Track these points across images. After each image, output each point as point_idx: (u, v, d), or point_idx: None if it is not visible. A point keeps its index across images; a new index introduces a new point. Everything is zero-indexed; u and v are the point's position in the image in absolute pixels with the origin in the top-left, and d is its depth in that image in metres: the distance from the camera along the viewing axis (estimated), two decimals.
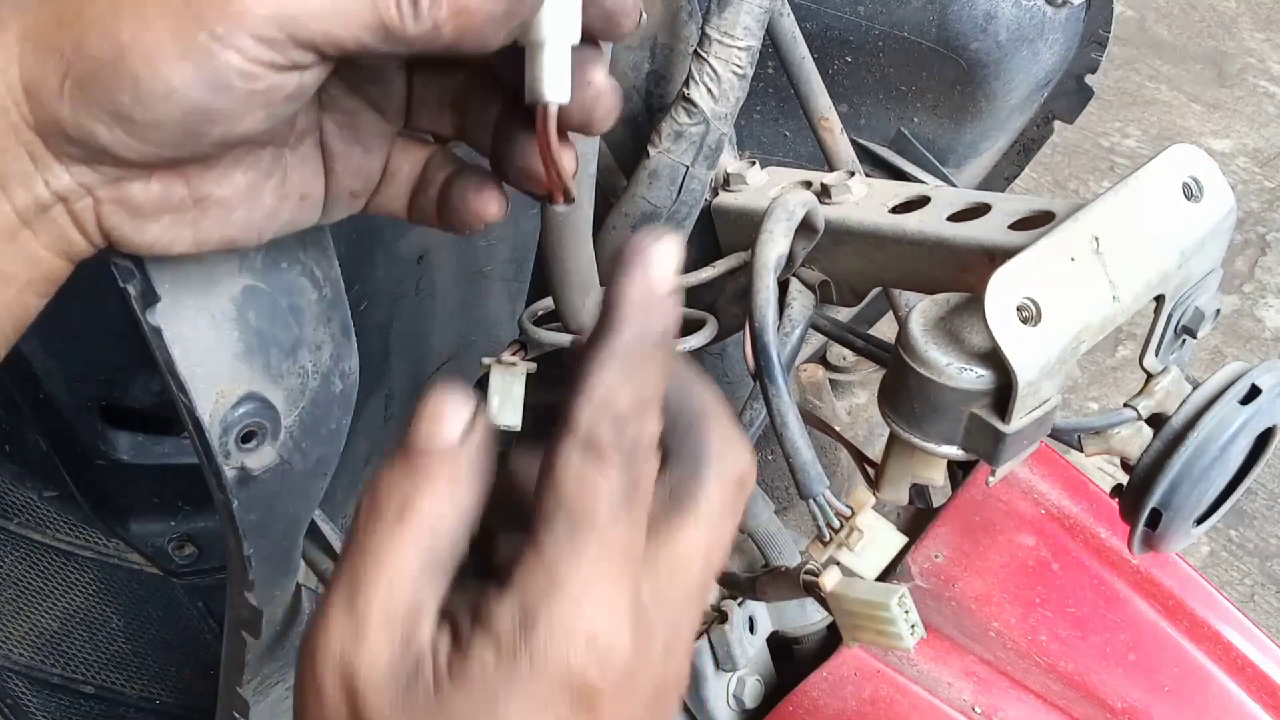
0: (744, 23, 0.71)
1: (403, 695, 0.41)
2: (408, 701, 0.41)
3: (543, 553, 0.41)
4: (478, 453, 0.44)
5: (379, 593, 0.42)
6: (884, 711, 0.87)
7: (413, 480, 0.43)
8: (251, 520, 0.62)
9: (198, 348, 0.55)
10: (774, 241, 0.64)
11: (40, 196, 0.44)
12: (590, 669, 0.41)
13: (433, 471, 0.43)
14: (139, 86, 0.41)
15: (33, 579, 1.49)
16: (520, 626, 0.41)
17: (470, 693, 0.41)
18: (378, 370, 0.80)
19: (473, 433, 0.44)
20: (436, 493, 0.43)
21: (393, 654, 0.42)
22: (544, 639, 0.41)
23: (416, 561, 0.42)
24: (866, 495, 0.63)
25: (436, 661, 0.41)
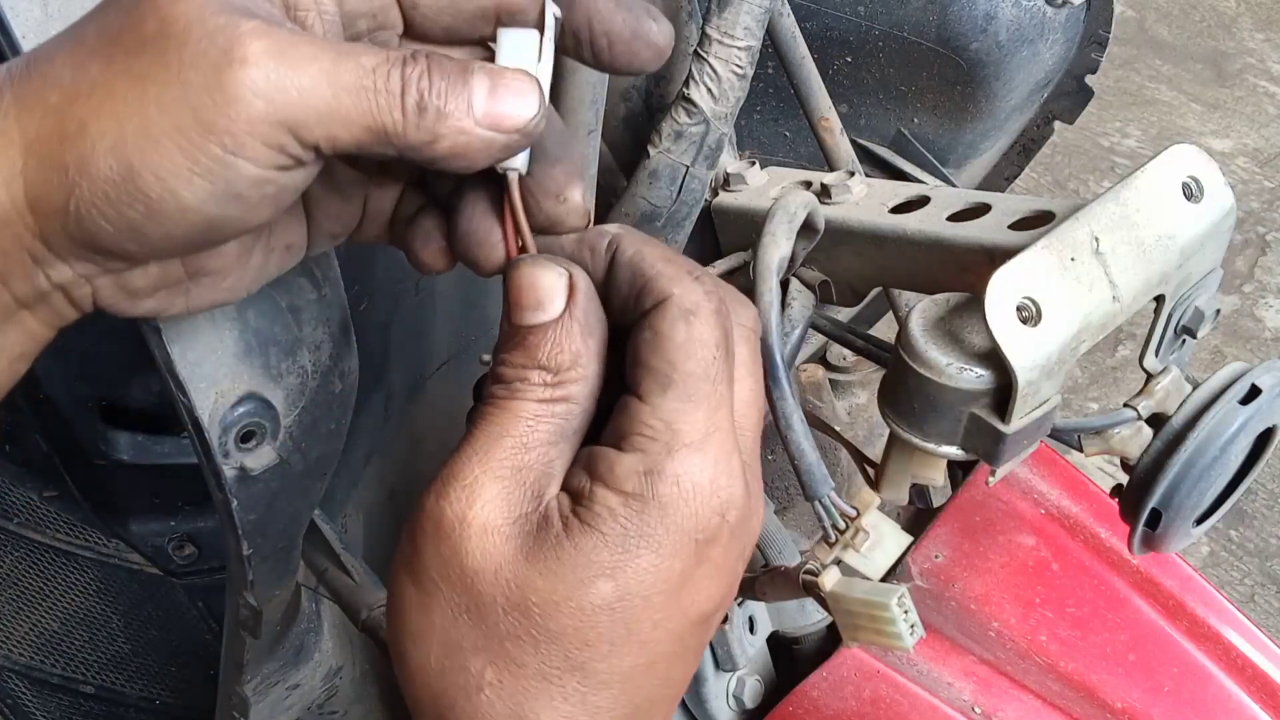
0: (744, 23, 0.71)
1: (532, 544, 0.44)
2: (537, 549, 0.44)
3: (659, 410, 0.45)
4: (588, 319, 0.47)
5: (516, 449, 0.45)
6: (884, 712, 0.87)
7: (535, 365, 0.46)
8: (251, 520, 0.62)
9: (196, 347, 0.55)
10: (776, 244, 0.64)
11: (40, 286, 0.44)
12: (713, 518, 0.45)
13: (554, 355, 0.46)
14: (151, 206, 0.41)
15: (33, 579, 1.49)
16: (647, 479, 0.44)
17: (603, 537, 0.44)
18: (377, 370, 0.80)
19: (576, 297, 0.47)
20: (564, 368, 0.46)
21: (524, 508, 0.45)
22: (671, 490, 0.44)
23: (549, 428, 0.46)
24: (872, 496, 0.63)
25: (564, 513, 0.45)
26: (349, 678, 0.90)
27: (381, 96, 0.42)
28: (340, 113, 0.41)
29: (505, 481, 0.45)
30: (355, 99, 0.41)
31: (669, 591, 0.45)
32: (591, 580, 0.44)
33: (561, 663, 0.45)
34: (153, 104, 0.40)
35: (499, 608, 0.44)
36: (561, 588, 0.44)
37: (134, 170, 0.40)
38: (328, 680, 0.87)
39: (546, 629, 0.44)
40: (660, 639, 0.46)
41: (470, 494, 0.45)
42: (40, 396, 1.44)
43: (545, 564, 0.44)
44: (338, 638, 0.87)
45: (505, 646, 0.45)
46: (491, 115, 0.43)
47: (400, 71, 0.42)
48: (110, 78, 0.41)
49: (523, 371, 0.46)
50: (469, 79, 0.43)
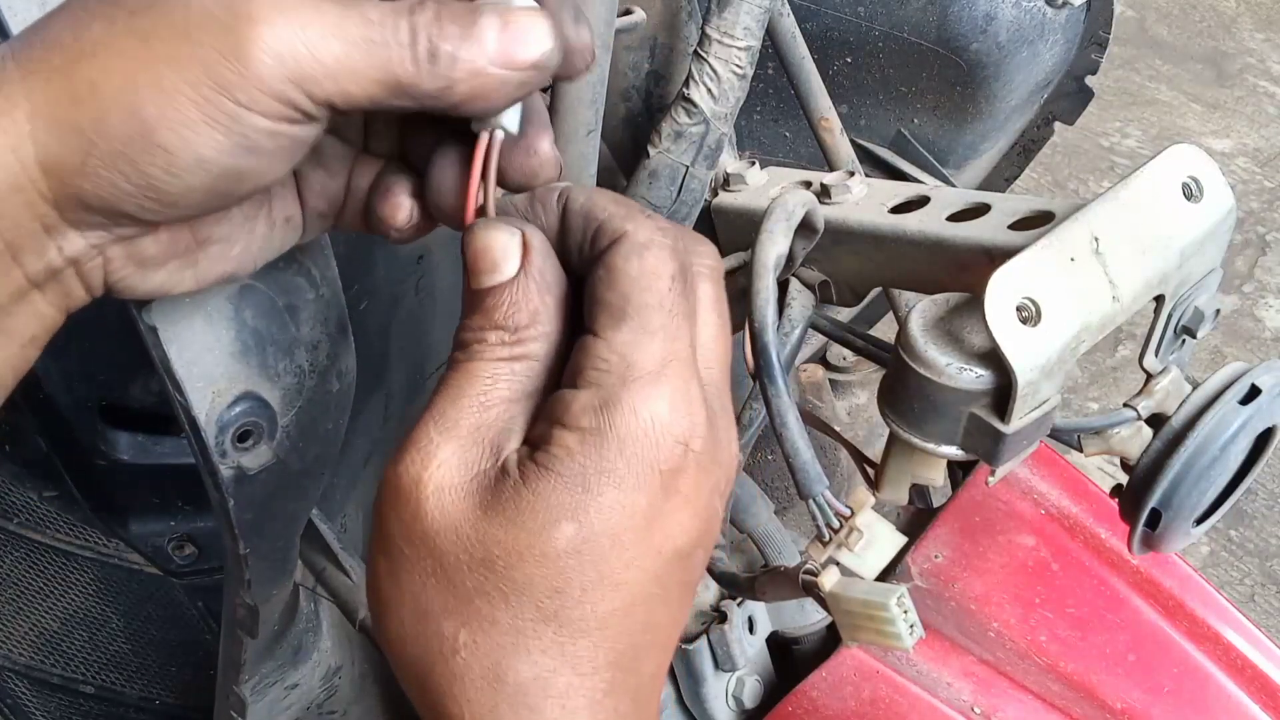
0: (744, 23, 0.71)
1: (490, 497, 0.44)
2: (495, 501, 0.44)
3: (613, 343, 0.44)
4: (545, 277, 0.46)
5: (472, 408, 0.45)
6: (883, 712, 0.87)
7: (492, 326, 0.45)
8: (248, 520, 0.62)
9: (193, 346, 0.55)
10: (774, 241, 0.64)
11: (52, 262, 0.44)
12: (676, 448, 0.44)
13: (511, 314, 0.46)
14: (171, 159, 0.41)
15: (33, 579, 1.49)
16: (603, 413, 0.43)
17: (559, 478, 0.43)
18: (377, 370, 0.80)
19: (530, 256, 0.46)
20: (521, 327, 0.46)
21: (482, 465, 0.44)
22: (628, 421, 0.43)
23: (508, 386, 0.45)
24: (866, 495, 0.63)
25: (521, 462, 0.44)
26: (348, 677, 0.90)
27: (391, 48, 0.42)
28: (351, 67, 0.42)
29: (461, 440, 0.44)
30: (365, 53, 0.42)
31: (638, 528, 0.44)
32: (553, 524, 0.43)
33: (533, 614, 0.44)
34: (162, 62, 0.40)
35: (463, 566, 0.44)
36: (523, 536, 0.43)
37: (150, 126, 0.41)
38: (326, 680, 0.87)
39: (513, 580, 0.43)
40: (635, 579, 0.44)
41: (425, 456, 0.44)
42: (40, 396, 1.44)
43: (504, 514, 0.43)
44: (336, 637, 0.87)
45: (475, 605, 0.44)
46: (505, 54, 0.43)
47: (408, 20, 0.42)
48: (114, 37, 0.41)
49: (480, 333, 0.46)
50: (478, 19, 0.43)
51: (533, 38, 0.44)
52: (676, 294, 0.45)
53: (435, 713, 0.46)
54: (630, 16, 0.75)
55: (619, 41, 0.75)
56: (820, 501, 0.62)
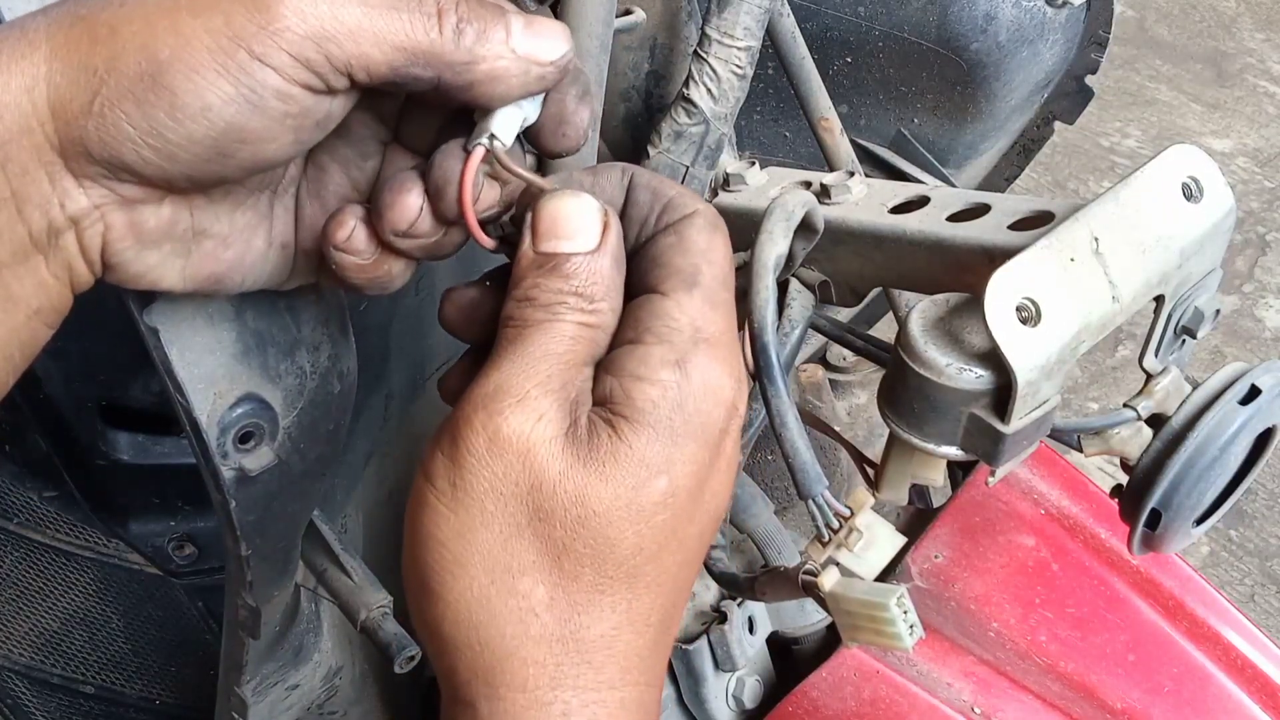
0: (744, 23, 0.71)
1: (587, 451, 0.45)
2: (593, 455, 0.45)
3: (685, 306, 0.47)
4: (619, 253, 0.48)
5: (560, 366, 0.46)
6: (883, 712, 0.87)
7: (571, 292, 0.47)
8: (250, 521, 0.62)
9: (195, 348, 0.55)
10: (773, 242, 0.64)
11: (54, 220, 0.44)
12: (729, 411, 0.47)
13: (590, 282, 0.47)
14: (175, 101, 0.42)
15: (33, 579, 1.49)
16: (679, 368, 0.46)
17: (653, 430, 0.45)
18: (377, 371, 0.80)
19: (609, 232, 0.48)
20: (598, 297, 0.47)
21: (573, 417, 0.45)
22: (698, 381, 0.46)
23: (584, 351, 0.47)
24: (865, 495, 0.63)
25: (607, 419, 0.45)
26: (348, 678, 0.90)
27: (418, 17, 0.43)
28: (373, 30, 0.42)
29: (557, 396, 0.45)
30: (390, 18, 0.42)
31: (700, 484, 0.46)
32: (649, 479, 0.45)
33: (615, 571, 0.45)
34: (184, 9, 0.41)
35: (557, 521, 0.44)
36: (623, 492, 0.44)
37: (161, 66, 0.41)
38: (327, 680, 0.87)
39: (606, 536, 0.45)
40: (694, 534, 0.47)
41: (526, 408, 0.45)
42: (40, 396, 1.44)
43: (604, 469, 0.44)
44: (337, 638, 0.87)
45: (560, 561, 0.45)
46: (527, 45, 0.45)
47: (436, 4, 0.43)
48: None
49: (561, 296, 0.46)
50: (505, 14, 0.45)
51: (554, 40, 0.46)
52: (732, 277, 0.49)
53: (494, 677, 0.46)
54: (630, 16, 0.75)
55: (619, 41, 0.75)
56: (820, 502, 0.62)
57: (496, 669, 0.45)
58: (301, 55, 0.42)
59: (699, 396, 0.45)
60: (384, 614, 0.77)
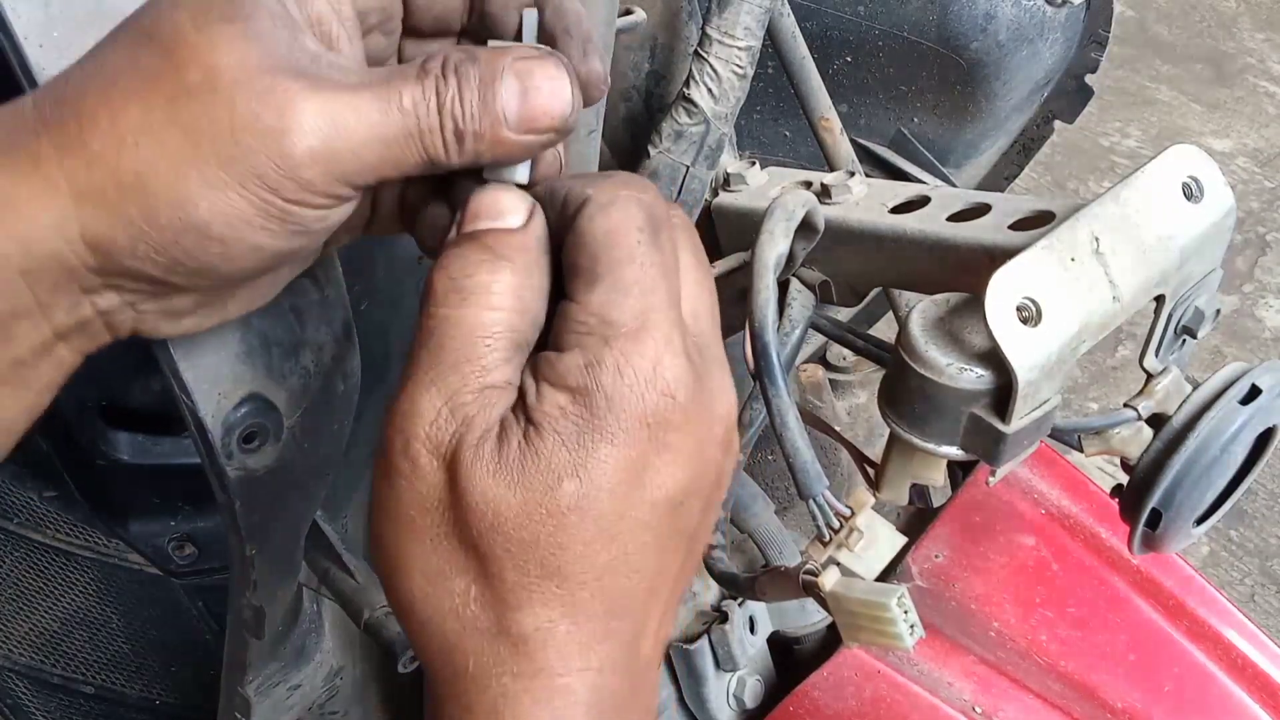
0: (744, 23, 0.71)
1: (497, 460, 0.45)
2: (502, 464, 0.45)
3: (590, 305, 0.45)
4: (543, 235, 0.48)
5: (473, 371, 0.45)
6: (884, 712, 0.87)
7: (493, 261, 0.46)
8: (254, 521, 0.62)
9: (199, 348, 0.55)
10: (774, 242, 0.64)
11: (82, 315, 0.45)
12: (663, 400, 0.45)
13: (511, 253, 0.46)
14: (227, 249, 0.43)
15: (33, 579, 1.49)
16: (588, 372, 0.44)
17: (558, 437, 0.44)
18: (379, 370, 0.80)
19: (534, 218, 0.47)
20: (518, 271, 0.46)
21: (487, 425, 0.45)
22: (613, 379, 0.44)
23: (505, 340, 0.46)
24: (866, 495, 0.63)
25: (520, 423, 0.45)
26: (350, 678, 0.90)
27: (425, 136, 0.44)
28: (391, 160, 0.44)
29: (467, 409, 0.45)
30: (404, 146, 0.44)
31: (630, 480, 0.45)
32: (557, 483, 0.44)
33: (538, 570, 0.45)
34: (210, 161, 0.41)
35: (474, 529, 0.45)
36: (532, 496, 0.44)
37: (205, 222, 0.42)
38: (329, 681, 0.87)
39: (520, 540, 0.45)
40: (628, 529, 0.46)
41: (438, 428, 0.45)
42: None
43: (511, 477, 0.44)
44: (339, 638, 0.87)
45: (484, 564, 0.45)
46: (526, 122, 0.45)
47: (436, 101, 0.44)
48: (155, 127, 0.41)
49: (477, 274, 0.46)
50: (499, 90, 0.45)
51: (554, 102, 0.46)
52: (646, 245, 0.46)
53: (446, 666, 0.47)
54: (630, 16, 0.75)
55: (619, 41, 0.75)
56: (820, 502, 0.62)
57: (444, 659, 0.47)
58: (330, 192, 0.43)
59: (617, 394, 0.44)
60: (387, 614, 0.77)
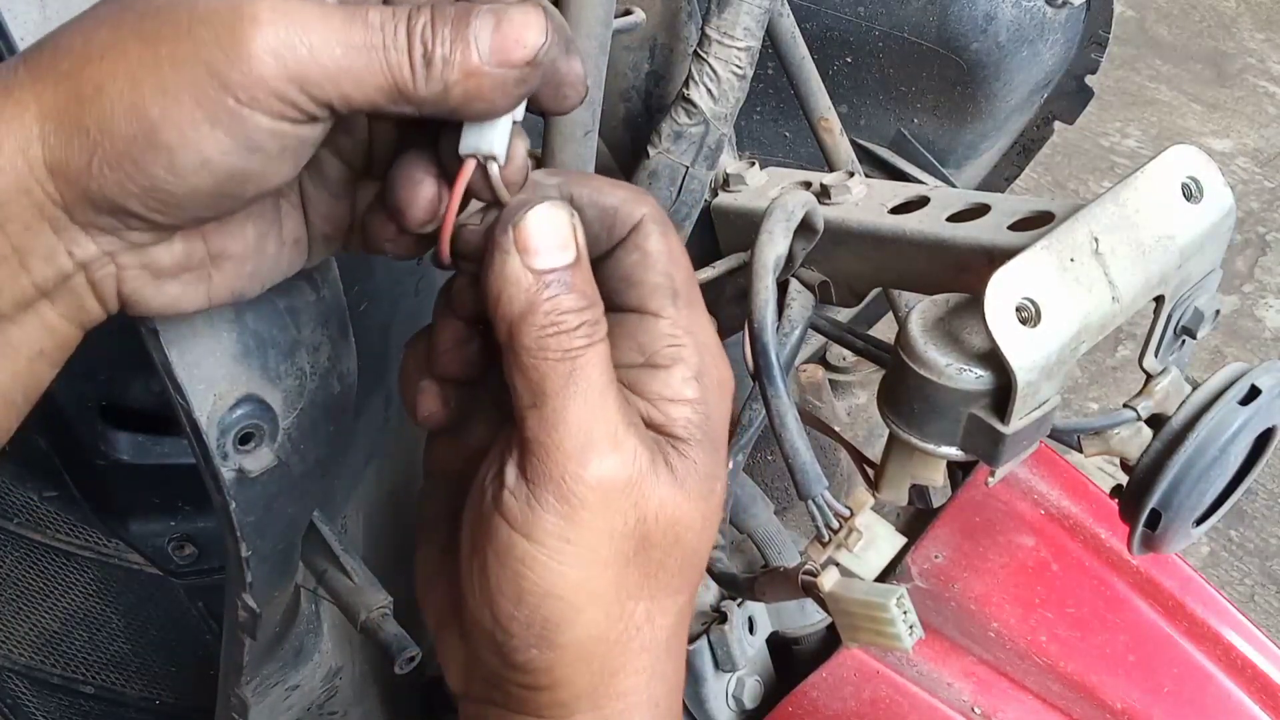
0: (744, 23, 0.71)
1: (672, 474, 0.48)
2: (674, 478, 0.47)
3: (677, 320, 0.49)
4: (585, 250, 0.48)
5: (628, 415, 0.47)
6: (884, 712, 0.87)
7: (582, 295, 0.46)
8: (250, 522, 0.62)
9: (195, 349, 0.55)
10: (773, 242, 0.64)
11: (62, 267, 0.44)
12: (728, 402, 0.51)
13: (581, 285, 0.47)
14: (174, 158, 0.42)
15: (33, 579, 1.49)
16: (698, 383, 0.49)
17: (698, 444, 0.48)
18: (377, 371, 0.80)
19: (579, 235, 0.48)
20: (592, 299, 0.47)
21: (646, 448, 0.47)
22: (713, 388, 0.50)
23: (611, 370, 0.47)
24: (865, 496, 0.63)
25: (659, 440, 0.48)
26: (349, 678, 0.90)
27: (390, 53, 0.42)
28: (351, 71, 0.42)
29: (636, 428, 0.47)
30: (365, 58, 0.42)
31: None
32: (713, 488, 0.48)
33: (694, 575, 0.49)
34: (165, 62, 0.41)
35: (657, 545, 0.47)
36: (699, 504, 0.47)
37: (154, 125, 0.41)
38: (327, 681, 0.87)
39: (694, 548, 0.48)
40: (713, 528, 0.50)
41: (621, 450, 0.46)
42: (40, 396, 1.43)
43: (686, 487, 0.47)
44: (337, 639, 0.87)
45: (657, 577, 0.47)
46: (499, 52, 0.43)
47: (405, 25, 0.43)
48: (120, 39, 0.42)
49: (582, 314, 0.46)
50: (471, 20, 0.43)
51: (527, 34, 0.44)
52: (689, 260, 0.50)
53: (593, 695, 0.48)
54: (630, 16, 0.75)
55: (618, 41, 0.75)
56: (820, 502, 0.62)
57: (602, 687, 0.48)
58: (285, 96, 0.42)
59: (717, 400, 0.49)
60: (384, 614, 0.77)
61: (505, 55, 0.44)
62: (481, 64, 0.43)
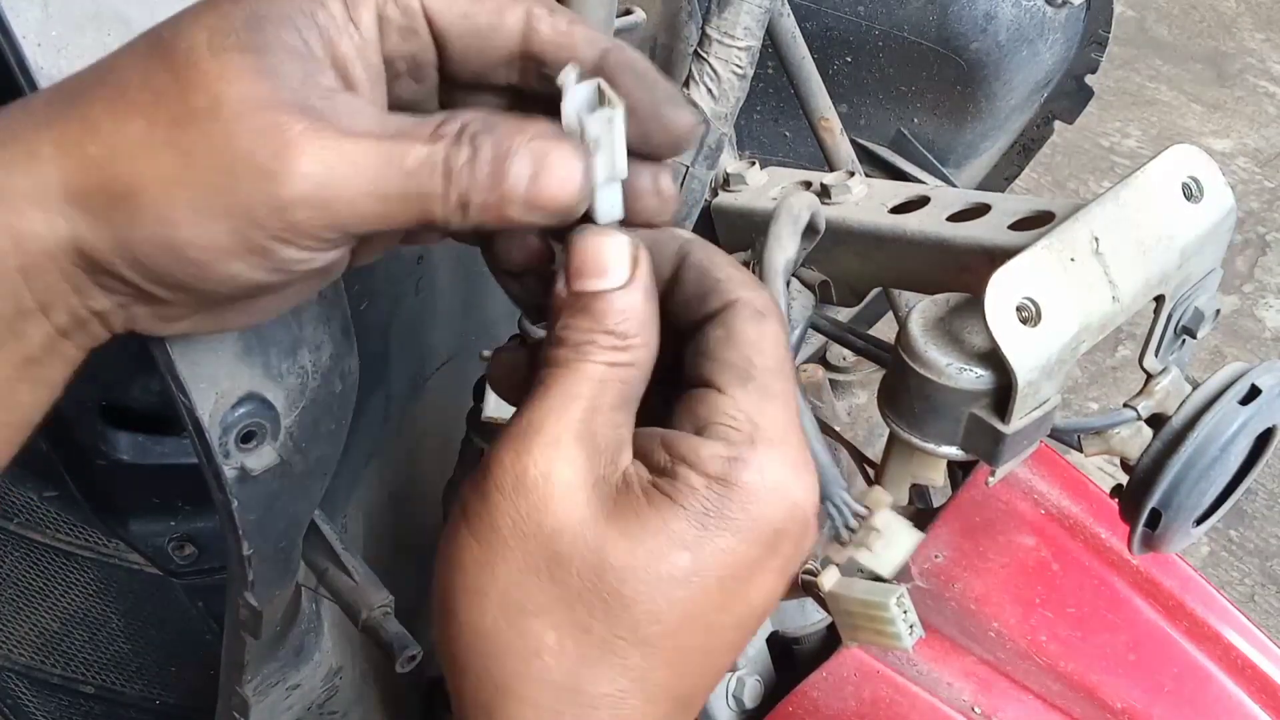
0: (744, 23, 0.71)
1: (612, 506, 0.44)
2: (618, 511, 0.44)
3: (740, 402, 0.46)
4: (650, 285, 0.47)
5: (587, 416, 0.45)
6: (884, 712, 0.87)
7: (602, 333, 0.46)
8: (251, 520, 0.62)
9: (197, 347, 0.55)
10: (782, 246, 0.64)
11: (79, 315, 0.45)
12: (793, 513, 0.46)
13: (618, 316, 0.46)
14: (203, 272, 0.43)
15: (33, 579, 1.49)
16: (731, 465, 0.45)
17: (684, 510, 0.44)
18: (377, 370, 0.80)
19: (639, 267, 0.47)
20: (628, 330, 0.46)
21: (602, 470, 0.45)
22: (755, 479, 0.45)
23: (614, 396, 0.46)
24: (884, 494, 0.63)
25: (643, 483, 0.45)
26: (349, 678, 0.90)
27: (427, 200, 0.43)
28: (387, 215, 0.43)
29: (585, 442, 0.45)
30: (402, 204, 0.43)
31: (740, 578, 0.45)
32: (670, 550, 0.44)
33: (628, 633, 0.44)
34: (201, 189, 0.41)
35: (574, 568, 0.44)
36: (641, 552, 0.44)
37: (183, 244, 0.42)
38: (328, 680, 0.87)
39: (620, 594, 0.44)
40: (723, 624, 0.46)
41: (554, 451, 0.44)
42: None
43: (626, 526, 0.44)
44: (338, 638, 0.87)
45: (574, 609, 0.44)
46: (532, 202, 0.44)
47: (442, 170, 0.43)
48: (154, 146, 0.41)
49: (590, 335, 0.46)
50: (511, 166, 0.43)
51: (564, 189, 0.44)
52: (788, 362, 0.47)
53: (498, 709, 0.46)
54: (630, 16, 0.75)
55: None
56: (838, 502, 0.62)
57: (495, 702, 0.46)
58: (319, 236, 0.42)
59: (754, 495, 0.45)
60: (385, 613, 0.77)
61: (537, 205, 0.44)
62: (513, 213, 0.44)
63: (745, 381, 0.46)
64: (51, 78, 0.50)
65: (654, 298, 0.47)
